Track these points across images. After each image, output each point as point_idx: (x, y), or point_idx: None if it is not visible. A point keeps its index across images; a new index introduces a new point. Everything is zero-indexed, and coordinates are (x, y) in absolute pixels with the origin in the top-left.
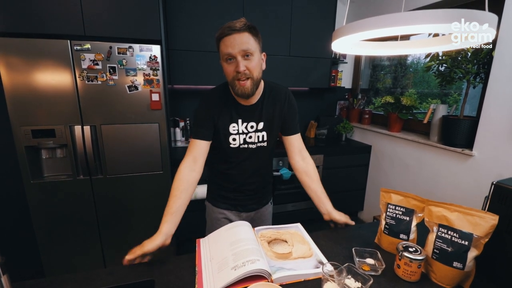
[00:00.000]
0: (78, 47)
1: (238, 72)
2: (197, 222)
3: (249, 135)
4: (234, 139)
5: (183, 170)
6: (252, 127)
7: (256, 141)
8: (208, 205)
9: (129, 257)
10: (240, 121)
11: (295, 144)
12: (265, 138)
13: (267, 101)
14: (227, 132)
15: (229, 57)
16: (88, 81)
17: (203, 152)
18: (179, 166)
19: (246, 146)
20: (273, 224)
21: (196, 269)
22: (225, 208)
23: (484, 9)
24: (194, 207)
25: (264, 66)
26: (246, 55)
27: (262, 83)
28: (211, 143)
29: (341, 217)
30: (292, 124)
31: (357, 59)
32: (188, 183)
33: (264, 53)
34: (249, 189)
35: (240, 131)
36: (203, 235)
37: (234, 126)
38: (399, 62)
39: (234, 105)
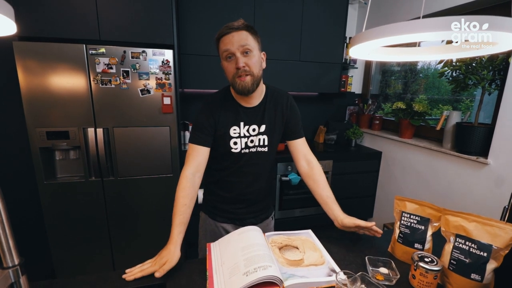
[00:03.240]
0: (93, 51)
1: (238, 68)
2: None
3: (250, 138)
4: (235, 143)
5: (189, 176)
6: (254, 130)
7: (257, 144)
8: (204, 216)
9: (158, 274)
10: (242, 124)
11: (299, 148)
12: (265, 143)
13: (269, 104)
14: (227, 136)
15: (229, 55)
16: (102, 85)
17: (204, 158)
18: (182, 172)
19: (247, 150)
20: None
21: (207, 274)
22: (222, 221)
23: (509, 14)
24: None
25: (264, 65)
26: (245, 52)
27: (263, 86)
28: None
29: (351, 221)
30: (296, 128)
31: (367, 64)
32: (195, 190)
33: (263, 52)
34: (247, 199)
35: (242, 134)
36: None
37: (235, 129)
38: (410, 68)
39: (235, 107)
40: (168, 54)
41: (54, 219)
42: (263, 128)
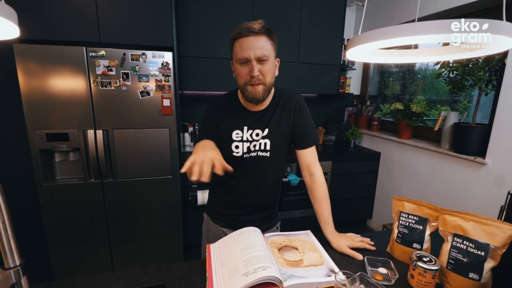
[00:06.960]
0: (93, 54)
1: (252, 76)
2: None
3: (253, 143)
4: (236, 147)
5: None
6: (257, 134)
7: (258, 148)
8: (207, 218)
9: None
10: (245, 128)
11: (302, 159)
12: (267, 147)
13: (276, 107)
14: (229, 139)
15: (244, 60)
16: (101, 87)
17: None
18: None
19: (249, 155)
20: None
21: (207, 275)
22: (222, 226)
23: (501, 17)
24: (202, 212)
25: (277, 72)
26: (261, 59)
27: (273, 89)
28: None
29: (338, 247)
30: (303, 136)
31: (366, 65)
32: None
33: (278, 59)
34: (247, 205)
35: (245, 139)
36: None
37: (237, 133)
38: (407, 69)
39: (240, 111)
40: (167, 56)
41: (54, 220)
42: (266, 132)
